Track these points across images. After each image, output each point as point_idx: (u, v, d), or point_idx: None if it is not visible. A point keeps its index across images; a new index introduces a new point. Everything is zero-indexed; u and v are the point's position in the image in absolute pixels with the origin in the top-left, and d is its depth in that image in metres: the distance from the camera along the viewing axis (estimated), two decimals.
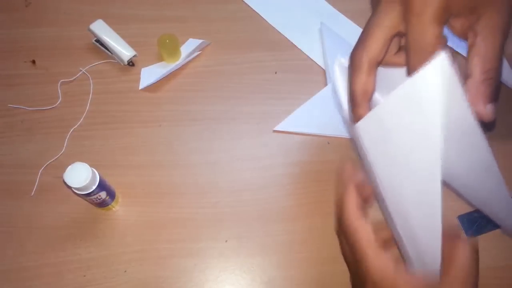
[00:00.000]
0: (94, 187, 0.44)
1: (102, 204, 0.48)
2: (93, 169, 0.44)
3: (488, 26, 0.30)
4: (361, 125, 0.34)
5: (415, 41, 0.31)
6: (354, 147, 0.39)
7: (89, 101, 0.57)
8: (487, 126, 0.40)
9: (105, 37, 0.58)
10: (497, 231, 0.50)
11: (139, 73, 0.59)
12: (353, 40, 0.55)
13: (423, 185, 0.31)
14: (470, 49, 0.31)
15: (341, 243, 0.38)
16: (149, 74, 0.59)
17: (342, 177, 0.36)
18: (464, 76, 0.31)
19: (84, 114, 0.56)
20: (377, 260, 0.32)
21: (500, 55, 0.30)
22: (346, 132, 0.55)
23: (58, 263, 0.47)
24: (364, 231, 0.33)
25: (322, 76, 0.60)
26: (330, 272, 0.47)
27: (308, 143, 0.55)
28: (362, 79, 0.34)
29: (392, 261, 0.32)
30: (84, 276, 0.47)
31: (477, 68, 0.30)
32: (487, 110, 0.31)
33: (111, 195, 0.48)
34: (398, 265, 0.32)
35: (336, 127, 0.55)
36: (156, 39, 0.57)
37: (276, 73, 0.60)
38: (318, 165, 0.53)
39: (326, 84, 0.58)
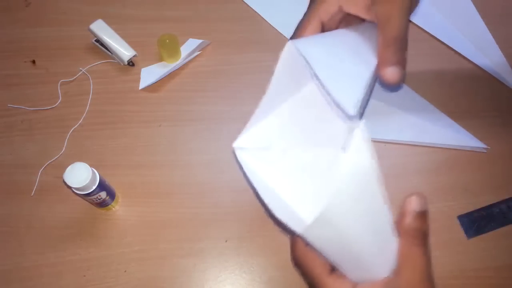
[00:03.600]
0: (94, 187, 0.44)
1: (102, 204, 0.48)
2: (93, 169, 0.44)
3: (392, 4, 0.35)
4: None
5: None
6: None
7: (89, 101, 0.57)
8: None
9: (105, 37, 0.58)
10: (497, 231, 0.50)
11: (139, 73, 0.59)
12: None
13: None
14: (377, 21, 0.37)
15: (300, 275, 0.39)
16: (149, 74, 0.59)
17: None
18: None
19: (84, 114, 0.56)
20: (336, 284, 0.33)
21: (400, 25, 0.35)
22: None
23: (58, 263, 0.47)
24: (314, 260, 0.34)
25: None
26: None
27: None
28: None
29: (349, 282, 0.33)
30: (84, 276, 0.47)
31: (380, 37, 0.36)
32: (389, 72, 0.35)
33: (111, 195, 0.48)
34: (356, 285, 0.33)
35: None
36: (156, 39, 0.57)
37: None
38: None
39: None
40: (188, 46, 0.60)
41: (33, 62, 0.60)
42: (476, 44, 0.62)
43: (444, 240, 0.50)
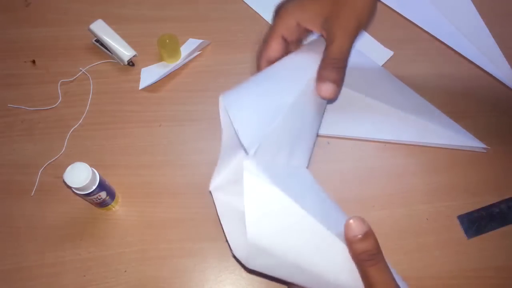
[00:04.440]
0: (94, 187, 0.44)
1: (102, 204, 0.48)
2: (93, 169, 0.44)
3: (339, 26, 0.39)
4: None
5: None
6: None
7: (89, 101, 0.57)
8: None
9: (105, 37, 0.58)
10: (497, 231, 0.50)
11: (139, 73, 0.59)
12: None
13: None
14: (325, 39, 0.41)
15: None
16: (149, 74, 0.59)
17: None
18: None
19: (84, 114, 0.56)
20: None
21: (342, 47, 0.39)
22: (347, 132, 0.55)
23: (58, 263, 0.47)
24: None
25: None
26: None
27: None
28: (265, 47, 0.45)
29: None
30: (84, 276, 0.47)
31: (323, 54, 0.40)
32: (324, 87, 0.39)
33: (111, 195, 0.48)
34: None
35: (336, 127, 0.55)
36: (156, 39, 0.57)
37: None
38: (318, 165, 0.53)
39: None
40: (188, 46, 0.60)
41: (33, 62, 0.60)
42: (476, 44, 0.62)
43: (444, 240, 0.50)
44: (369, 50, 0.62)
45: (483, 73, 0.60)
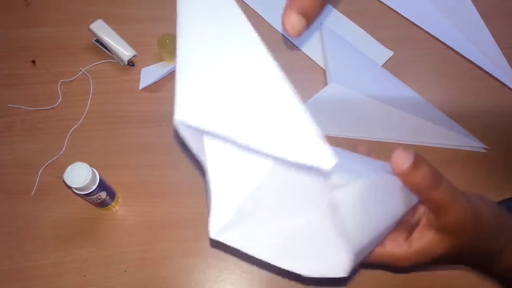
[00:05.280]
0: (94, 187, 0.44)
1: (102, 204, 0.48)
2: (93, 169, 0.44)
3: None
4: None
5: None
6: None
7: (89, 101, 0.57)
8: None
9: (105, 37, 0.58)
10: None
11: (139, 73, 0.59)
12: (354, 41, 0.55)
13: None
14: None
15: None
16: (149, 74, 0.59)
17: None
18: None
19: (84, 114, 0.56)
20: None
21: None
22: (347, 132, 0.55)
23: (58, 263, 0.47)
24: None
25: (322, 76, 0.60)
26: None
27: None
28: None
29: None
30: (84, 276, 0.47)
31: None
32: (291, 18, 0.31)
33: (111, 195, 0.48)
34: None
35: (336, 127, 0.55)
36: (156, 39, 0.57)
37: None
38: None
39: (326, 84, 0.58)
40: None
41: (33, 62, 0.60)
42: (476, 44, 0.62)
43: None
44: (369, 50, 0.62)
45: (483, 73, 0.60)
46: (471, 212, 0.30)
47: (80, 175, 0.43)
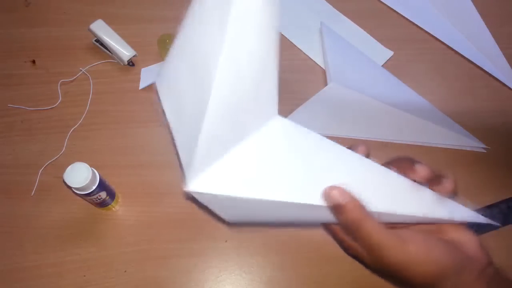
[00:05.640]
0: (94, 187, 0.44)
1: (102, 204, 0.48)
2: (93, 169, 0.44)
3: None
4: None
5: None
6: None
7: (89, 101, 0.57)
8: None
9: (105, 37, 0.58)
10: (497, 231, 0.50)
11: (139, 73, 0.59)
12: (354, 41, 0.55)
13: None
14: None
15: (345, 242, 0.37)
16: (149, 74, 0.59)
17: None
18: None
19: (84, 114, 0.56)
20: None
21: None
22: (347, 132, 0.55)
23: (58, 263, 0.47)
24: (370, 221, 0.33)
25: (322, 76, 0.60)
26: (330, 272, 0.47)
27: None
28: None
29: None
30: (84, 276, 0.47)
31: None
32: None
33: (111, 195, 0.48)
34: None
35: (336, 127, 0.55)
36: (156, 39, 0.57)
37: None
38: None
39: (326, 84, 0.58)
40: None
41: (33, 62, 0.60)
42: (476, 44, 0.62)
43: None
44: (369, 50, 0.62)
45: (483, 73, 0.60)
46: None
47: (80, 175, 0.43)
